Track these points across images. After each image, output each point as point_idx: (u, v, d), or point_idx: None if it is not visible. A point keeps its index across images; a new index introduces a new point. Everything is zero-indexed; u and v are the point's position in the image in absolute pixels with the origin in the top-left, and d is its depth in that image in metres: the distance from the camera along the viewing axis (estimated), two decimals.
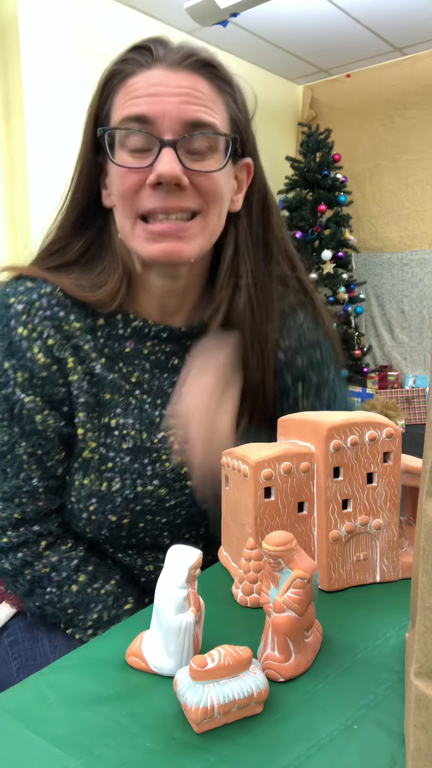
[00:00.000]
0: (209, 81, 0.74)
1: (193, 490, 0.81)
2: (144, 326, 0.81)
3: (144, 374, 0.82)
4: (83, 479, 0.79)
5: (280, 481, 0.59)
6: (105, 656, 0.53)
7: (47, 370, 0.76)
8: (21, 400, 0.76)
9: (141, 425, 0.80)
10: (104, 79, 0.76)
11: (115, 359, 0.81)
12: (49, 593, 0.79)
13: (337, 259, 4.23)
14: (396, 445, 0.62)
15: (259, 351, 0.81)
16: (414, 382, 4.45)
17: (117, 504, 0.79)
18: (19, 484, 0.78)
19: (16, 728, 0.44)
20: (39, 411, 0.77)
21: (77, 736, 0.43)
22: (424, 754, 0.36)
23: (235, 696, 0.43)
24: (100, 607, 0.79)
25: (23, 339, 0.75)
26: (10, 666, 0.83)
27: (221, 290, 0.81)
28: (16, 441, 0.78)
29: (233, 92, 0.77)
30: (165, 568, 0.51)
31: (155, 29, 3.72)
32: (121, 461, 0.79)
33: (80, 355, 0.78)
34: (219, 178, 0.75)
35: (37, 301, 0.76)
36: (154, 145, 0.71)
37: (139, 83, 0.72)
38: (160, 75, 0.72)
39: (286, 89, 4.73)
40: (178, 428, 0.78)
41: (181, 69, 0.73)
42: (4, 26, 3.03)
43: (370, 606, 0.59)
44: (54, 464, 0.80)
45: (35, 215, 3.09)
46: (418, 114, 4.31)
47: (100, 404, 0.79)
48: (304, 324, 0.87)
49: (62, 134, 3.19)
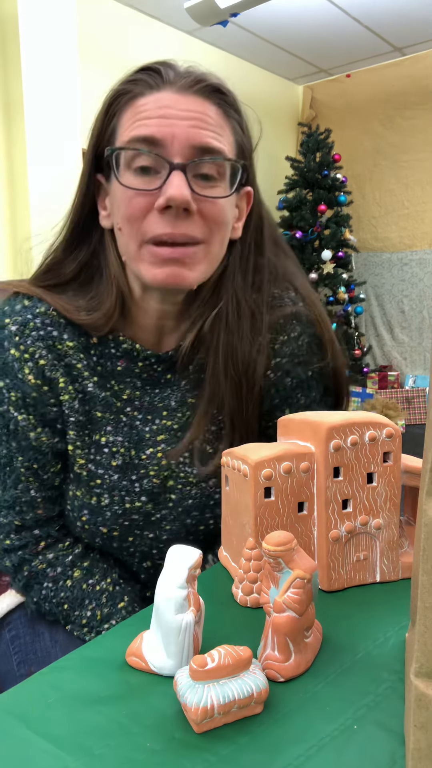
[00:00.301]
0: (217, 107, 0.74)
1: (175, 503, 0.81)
2: (132, 350, 0.81)
3: (135, 391, 0.82)
4: (76, 491, 0.81)
5: (280, 481, 0.59)
6: (105, 656, 0.53)
7: (38, 391, 0.78)
8: (15, 418, 0.78)
9: (130, 442, 0.81)
10: (110, 98, 0.76)
11: (107, 377, 0.81)
12: (45, 588, 0.81)
13: (337, 259, 4.24)
14: (396, 445, 0.62)
15: (235, 378, 0.79)
16: (414, 382, 4.45)
17: (107, 518, 0.80)
18: (18, 494, 0.81)
19: (16, 728, 0.44)
20: (32, 429, 0.79)
21: (77, 736, 0.43)
22: (424, 754, 0.36)
23: (235, 696, 0.43)
24: (93, 604, 0.81)
25: (15, 360, 0.77)
26: (11, 660, 0.84)
27: (197, 309, 0.80)
28: (13, 455, 0.80)
29: (240, 119, 0.78)
30: (165, 568, 0.51)
31: (155, 29, 3.72)
32: (110, 478, 0.80)
33: (73, 374, 0.79)
34: (225, 205, 0.74)
35: (31, 321, 0.77)
36: (163, 168, 0.71)
37: (149, 104, 0.72)
38: (170, 98, 0.72)
39: (286, 89, 4.73)
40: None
41: (190, 93, 0.73)
42: (4, 26, 3.03)
43: (370, 606, 0.59)
44: (50, 476, 0.82)
45: (35, 215, 3.09)
46: (418, 114, 4.31)
47: (92, 422, 0.80)
48: (299, 339, 0.83)
49: (62, 135, 3.19)
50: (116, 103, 0.75)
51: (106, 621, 0.80)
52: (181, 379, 0.83)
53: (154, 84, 0.73)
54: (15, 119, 3.10)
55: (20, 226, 3.16)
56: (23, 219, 3.14)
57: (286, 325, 0.83)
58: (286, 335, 0.82)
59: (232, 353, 0.79)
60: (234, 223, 0.80)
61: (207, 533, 0.84)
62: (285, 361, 0.82)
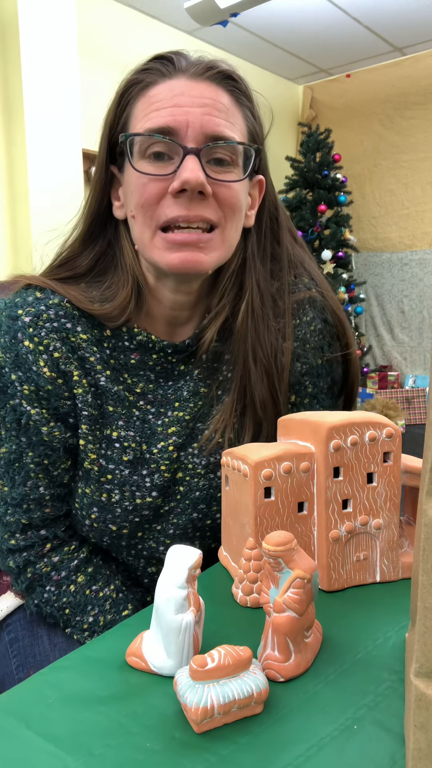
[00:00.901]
0: (230, 93, 0.75)
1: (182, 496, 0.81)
2: (148, 341, 0.81)
3: (149, 384, 0.82)
4: (85, 488, 0.80)
5: (280, 481, 0.59)
6: (105, 656, 0.53)
7: (53, 384, 0.76)
8: (27, 412, 0.77)
9: (142, 437, 0.80)
10: (123, 88, 0.76)
11: (120, 370, 0.81)
12: (47, 592, 0.80)
13: (337, 259, 4.24)
14: (396, 445, 0.62)
15: (265, 364, 0.80)
16: (414, 382, 4.45)
17: (117, 515, 0.79)
18: (27, 491, 0.79)
19: (16, 728, 0.44)
20: (45, 423, 0.78)
21: (77, 736, 0.43)
22: (424, 754, 0.36)
23: (235, 696, 0.43)
24: (96, 610, 0.80)
25: (29, 352, 0.75)
26: (10, 663, 0.84)
27: (221, 299, 0.81)
28: (23, 450, 0.78)
29: (252, 106, 0.78)
30: (165, 568, 0.51)
31: (155, 29, 3.73)
32: (121, 473, 0.79)
33: (86, 367, 0.78)
34: (239, 189, 0.75)
35: (45, 313, 0.76)
36: (177, 153, 0.71)
37: (162, 93, 0.72)
38: (183, 85, 0.72)
39: (286, 89, 4.73)
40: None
41: (203, 80, 0.73)
42: (4, 26, 3.03)
43: (370, 606, 0.59)
44: (60, 473, 0.81)
45: (35, 215, 3.09)
46: (418, 114, 4.31)
47: (104, 416, 0.80)
48: (312, 324, 0.84)
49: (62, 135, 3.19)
50: (128, 93, 0.75)
51: (108, 627, 0.79)
52: (194, 368, 0.83)
53: (166, 72, 0.73)
54: (15, 119, 3.10)
55: (20, 226, 3.16)
56: (23, 219, 3.14)
57: (299, 310, 0.83)
58: (298, 319, 0.83)
59: (260, 341, 0.80)
60: (247, 211, 0.80)
61: (213, 529, 0.84)
62: (296, 345, 0.83)
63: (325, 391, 0.86)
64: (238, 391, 0.81)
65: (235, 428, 0.81)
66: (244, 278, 0.81)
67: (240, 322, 0.80)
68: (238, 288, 0.81)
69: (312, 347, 0.83)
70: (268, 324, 0.80)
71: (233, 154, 0.74)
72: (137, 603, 0.84)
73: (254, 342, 0.79)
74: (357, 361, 0.89)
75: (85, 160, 3.36)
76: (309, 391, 0.85)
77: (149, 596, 0.87)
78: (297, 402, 0.84)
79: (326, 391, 0.86)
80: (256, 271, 0.81)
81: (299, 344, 0.83)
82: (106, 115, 0.78)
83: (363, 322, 4.70)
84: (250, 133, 0.78)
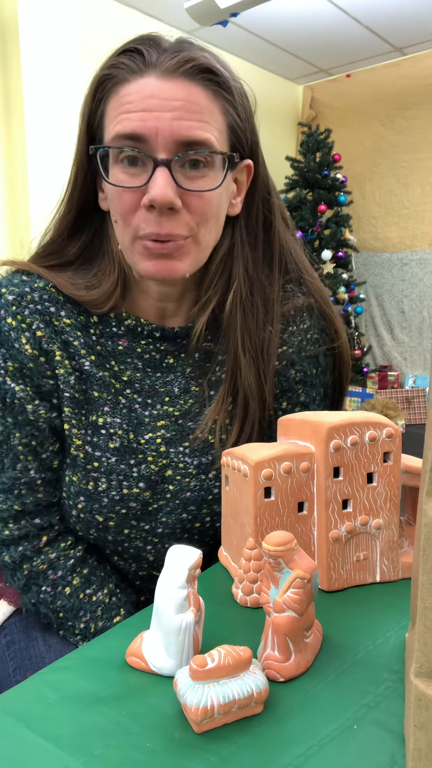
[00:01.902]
0: (205, 89, 0.72)
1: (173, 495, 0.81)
2: (137, 325, 0.81)
3: (136, 373, 0.81)
4: (72, 476, 0.80)
5: (280, 481, 0.59)
6: (105, 656, 0.53)
7: (35, 362, 0.76)
8: (12, 389, 0.76)
9: (129, 425, 0.80)
10: (95, 83, 0.74)
11: (106, 357, 0.80)
12: (43, 592, 0.80)
13: (337, 259, 4.23)
14: (396, 445, 0.62)
15: (252, 353, 0.79)
16: (414, 382, 4.45)
17: (103, 504, 0.79)
18: (17, 475, 0.79)
19: (16, 728, 0.44)
20: (30, 401, 0.77)
21: (77, 736, 0.43)
22: (424, 754, 0.36)
23: (235, 696, 0.43)
24: (88, 617, 0.80)
25: (12, 329, 0.75)
26: (8, 666, 0.83)
27: (208, 288, 0.80)
28: (10, 431, 0.78)
29: (232, 97, 0.74)
30: (165, 568, 0.51)
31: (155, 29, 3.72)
32: (108, 461, 0.78)
33: (69, 351, 0.78)
34: (213, 196, 0.73)
35: (29, 294, 0.76)
36: (148, 162, 0.70)
37: (132, 94, 0.70)
38: (154, 85, 0.69)
39: (286, 89, 4.73)
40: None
41: (175, 77, 0.70)
42: (4, 26, 3.03)
43: (370, 606, 0.59)
44: (49, 456, 0.80)
45: (35, 215, 3.09)
46: (418, 114, 4.31)
47: (88, 401, 0.79)
48: (309, 332, 0.84)
49: (62, 134, 3.19)
50: (101, 88, 0.74)
51: (99, 633, 0.78)
52: (185, 366, 0.83)
53: (136, 68, 0.71)
54: (15, 119, 3.10)
55: (20, 225, 3.16)
56: (23, 218, 3.14)
57: (297, 317, 0.83)
58: (295, 326, 0.83)
59: (248, 328, 0.79)
60: (232, 199, 0.79)
61: (202, 532, 0.83)
62: (291, 351, 0.82)
63: (317, 401, 0.86)
64: (229, 383, 0.80)
65: (225, 423, 0.81)
66: (232, 266, 0.80)
67: (228, 311, 0.79)
68: (226, 276, 0.81)
69: (308, 356, 0.83)
70: (257, 311, 0.80)
71: (208, 158, 0.72)
72: (131, 606, 0.83)
73: (243, 330, 0.79)
74: (349, 363, 0.89)
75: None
76: (301, 400, 0.84)
77: (142, 596, 0.87)
78: (287, 409, 0.84)
79: (318, 401, 0.86)
80: (245, 257, 0.80)
81: (294, 350, 0.83)
82: (82, 108, 0.76)
83: (363, 322, 4.70)
84: (230, 127, 0.75)
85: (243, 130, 0.77)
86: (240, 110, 0.76)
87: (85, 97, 0.76)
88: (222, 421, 0.80)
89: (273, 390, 0.81)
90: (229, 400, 0.81)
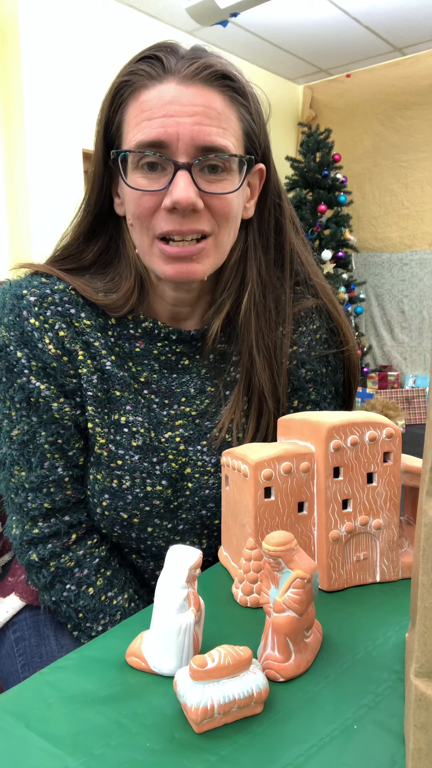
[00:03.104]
0: (223, 94, 0.73)
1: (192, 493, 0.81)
2: (154, 327, 0.82)
3: (153, 374, 0.83)
4: (97, 474, 0.80)
5: (280, 481, 0.59)
6: (105, 656, 0.53)
7: (58, 361, 0.77)
8: (37, 388, 0.77)
9: (150, 424, 0.81)
10: (114, 89, 0.75)
11: (125, 358, 0.82)
12: (68, 590, 0.80)
13: (337, 259, 4.24)
14: (396, 445, 0.62)
15: (266, 354, 0.81)
16: (414, 382, 4.45)
17: (128, 501, 0.79)
18: (45, 473, 0.79)
19: (16, 728, 0.44)
20: (55, 398, 0.78)
21: (77, 736, 0.43)
22: (424, 754, 0.36)
23: (235, 696, 0.43)
24: (107, 620, 0.80)
25: (35, 329, 0.76)
26: (15, 662, 0.83)
27: (223, 291, 0.82)
28: (36, 430, 0.78)
29: (247, 102, 0.77)
30: (165, 568, 0.51)
31: (155, 29, 3.72)
32: (131, 459, 0.79)
33: (90, 351, 0.79)
34: (232, 198, 0.75)
35: (50, 296, 0.78)
36: (168, 166, 0.72)
37: (152, 100, 0.71)
38: (173, 91, 0.71)
39: (286, 89, 4.73)
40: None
41: (194, 83, 0.71)
42: (4, 26, 3.03)
43: (370, 606, 0.59)
44: (75, 453, 0.80)
45: (35, 215, 3.09)
46: (418, 114, 4.31)
47: (111, 400, 0.80)
48: (318, 332, 0.85)
49: (62, 134, 3.19)
50: (119, 95, 0.75)
51: None
52: (201, 367, 0.84)
53: (155, 74, 0.72)
54: (15, 119, 3.10)
55: (20, 225, 3.16)
56: (23, 218, 3.14)
57: (307, 318, 0.85)
58: (305, 326, 0.85)
59: (262, 330, 0.81)
60: (246, 203, 0.80)
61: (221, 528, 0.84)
62: (302, 351, 0.84)
63: (329, 400, 0.87)
64: (244, 383, 0.82)
65: (241, 422, 0.82)
66: (245, 269, 0.82)
67: (243, 313, 0.81)
68: (240, 279, 0.82)
69: (318, 355, 0.85)
70: (270, 313, 0.82)
71: (227, 163, 0.74)
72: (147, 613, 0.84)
73: (257, 331, 0.81)
74: (358, 364, 0.90)
75: (85, 160, 3.36)
76: (312, 398, 0.86)
77: None
78: (299, 407, 0.85)
79: (329, 399, 0.87)
80: (258, 260, 0.82)
81: (305, 350, 0.84)
82: (99, 114, 0.78)
83: (363, 322, 4.70)
84: (245, 132, 0.77)
85: (257, 135, 0.79)
86: (255, 115, 0.78)
87: (102, 104, 0.77)
88: (238, 420, 0.82)
89: (286, 389, 0.83)
90: (244, 400, 0.82)
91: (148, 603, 0.84)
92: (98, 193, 0.80)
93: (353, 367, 0.89)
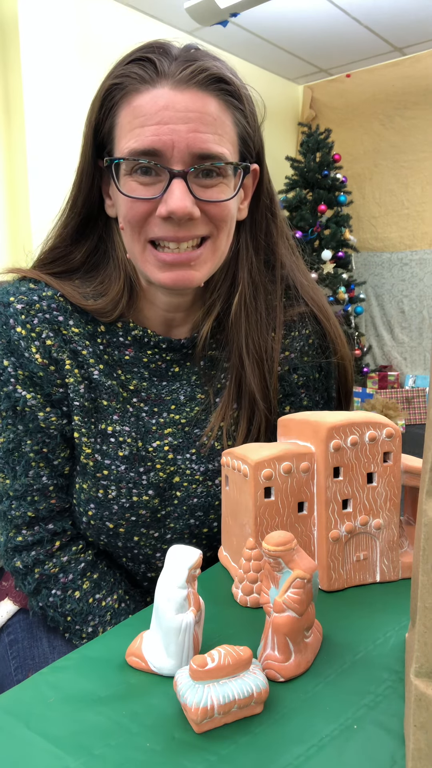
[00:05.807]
0: (218, 99, 0.72)
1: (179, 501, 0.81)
2: (144, 336, 0.81)
3: (142, 382, 0.82)
4: (83, 483, 0.80)
5: (280, 481, 0.59)
6: (105, 656, 0.53)
7: (45, 371, 0.76)
8: (23, 397, 0.76)
9: (137, 433, 0.80)
10: (104, 91, 0.73)
11: (113, 366, 0.80)
12: (53, 596, 0.80)
13: (337, 259, 4.23)
14: (396, 445, 0.62)
15: (256, 356, 0.80)
16: (414, 382, 4.45)
17: (114, 512, 0.79)
18: (30, 482, 0.79)
19: (16, 728, 0.44)
20: (41, 408, 0.77)
21: (77, 736, 0.43)
22: (424, 754, 0.36)
23: (235, 696, 0.43)
24: (96, 621, 0.79)
25: (21, 338, 0.75)
26: (9, 665, 0.83)
27: (213, 292, 0.81)
28: (21, 439, 0.78)
29: (243, 106, 0.75)
30: (165, 568, 0.51)
31: (155, 29, 3.72)
32: (117, 469, 0.79)
33: (78, 360, 0.78)
34: (229, 203, 0.74)
35: (37, 303, 0.76)
36: (163, 173, 0.70)
37: (145, 106, 0.69)
38: (167, 96, 0.69)
39: (286, 89, 4.73)
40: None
41: (189, 87, 0.70)
42: (4, 26, 3.03)
43: (370, 606, 0.59)
44: (61, 462, 0.80)
45: (35, 215, 3.09)
46: (418, 114, 4.31)
47: (98, 410, 0.79)
48: (310, 338, 0.85)
49: (62, 135, 3.19)
50: (110, 98, 0.73)
51: None
52: (191, 374, 0.83)
53: (148, 78, 0.70)
54: (15, 119, 3.10)
55: (20, 225, 3.16)
56: (23, 219, 3.14)
57: (298, 323, 0.84)
58: (297, 332, 0.84)
59: (252, 332, 0.80)
60: (239, 205, 0.79)
61: (210, 537, 0.83)
62: (293, 356, 0.83)
63: (321, 405, 0.86)
64: (234, 388, 0.81)
65: (231, 428, 0.81)
66: (236, 270, 0.81)
67: (233, 314, 0.80)
68: (231, 280, 0.81)
69: (309, 361, 0.84)
70: (260, 316, 0.81)
71: (222, 170, 0.72)
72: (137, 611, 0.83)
73: (246, 334, 0.80)
74: (352, 370, 0.89)
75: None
76: (304, 404, 0.85)
77: (149, 597, 0.87)
78: (290, 413, 0.84)
79: (322, 405, 0.87)
80: (249, 262, 0.81)
81: (297, 355, 0.83)
82: (89, 115, 0.76)
83: (363, 322, 4.70)
84: (240, 137, 0.76)
85: (252, 138, 0.78)
86: (250, 118, 0.77)
87: (91, 105, 0.75)
88: (227, 427, 0.80)
89: (277, 394, 0.82)
90: (234, 406, 0.81)
91: (140, 603, 0.84)
92: (86, 194, 0.79)
93: (346, 372, 0.88)
